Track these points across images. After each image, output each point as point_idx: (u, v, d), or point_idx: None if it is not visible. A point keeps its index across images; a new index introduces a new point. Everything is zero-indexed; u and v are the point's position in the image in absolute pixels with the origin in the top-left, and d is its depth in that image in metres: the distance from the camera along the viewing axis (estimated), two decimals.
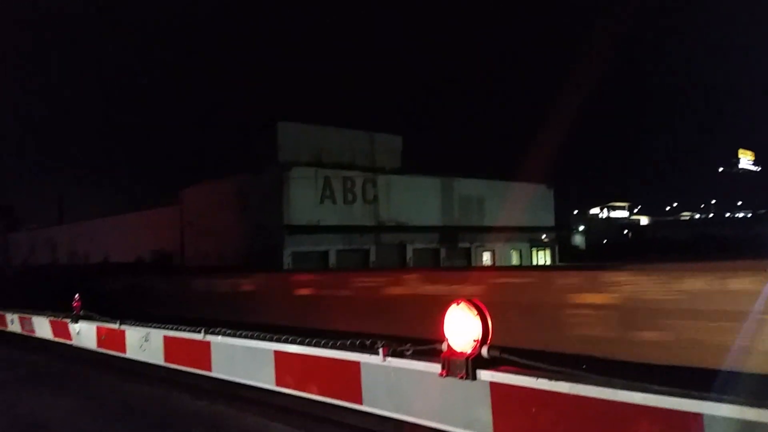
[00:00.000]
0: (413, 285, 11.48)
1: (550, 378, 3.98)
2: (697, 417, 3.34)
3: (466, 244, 28.98)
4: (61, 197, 49.65)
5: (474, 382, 4.33)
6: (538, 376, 4.05)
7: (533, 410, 4.06)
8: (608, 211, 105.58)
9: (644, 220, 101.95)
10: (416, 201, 27.64)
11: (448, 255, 27.90)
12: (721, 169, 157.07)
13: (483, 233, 29.63)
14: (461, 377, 4.35)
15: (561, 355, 7.75)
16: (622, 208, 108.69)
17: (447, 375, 4.46)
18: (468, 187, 29.81)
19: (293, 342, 6.12)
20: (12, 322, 13.49)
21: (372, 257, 25.01)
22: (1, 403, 7.82)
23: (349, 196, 25.51)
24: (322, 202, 24.74)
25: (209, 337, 7.30)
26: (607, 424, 3.73)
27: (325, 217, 24.58)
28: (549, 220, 33.15)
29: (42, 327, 11.98)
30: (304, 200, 24.31)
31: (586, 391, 3.80)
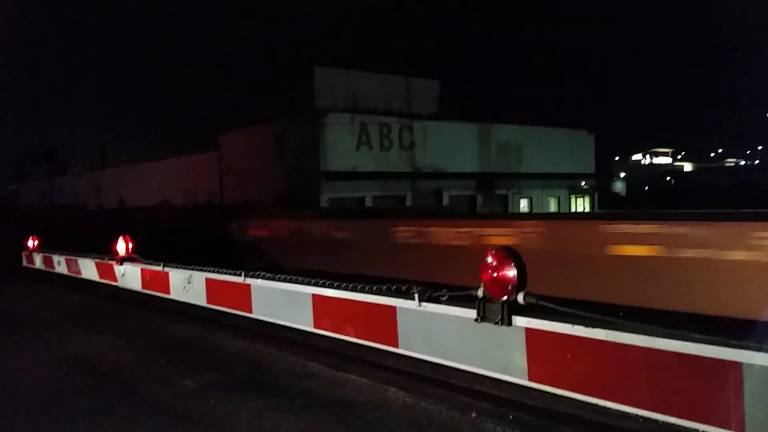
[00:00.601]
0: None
1: (587, 325, 3.98)
2: (737, 366, 3.31)
3: (503, 191, 28.69)
4: (104, 143, 50.55)
5: (509, 328, 4.36)
6: (574, 322, 4.05)
7: (568, 356, 4.09)
8: (651, 157, 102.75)
9: (688, 167, 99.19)
10: (453, 147, 27.33)
11: (485, 202, 27.69)
12: None
13: (520, 180, 29.25)
14: (497, 323, 4.39)
15: (598, 303, 7.73)
16: (666, 154, 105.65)
17: (482, 320, 4.50)
18: (506, 133, 29.29)
19: (330, 286, 6.24)
20: (59, 263, 14.01)
21: (408, 204, 25.04)
22: (51, 341, 8.21)
23: (386, 143, 25.35)
24: (358, 148, 24.67)
25: (249, 280, 7.48)
26: (644, 371, 3.73)
27: (362, 163, 24.55)
28: (589, 167, 32.49)
29: (88, 268, 12.42)
30: (341, 146, 24.26)
31: (623, 339, 3.79)
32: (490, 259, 4.42)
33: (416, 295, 5.19)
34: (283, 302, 6.97)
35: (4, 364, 7.00)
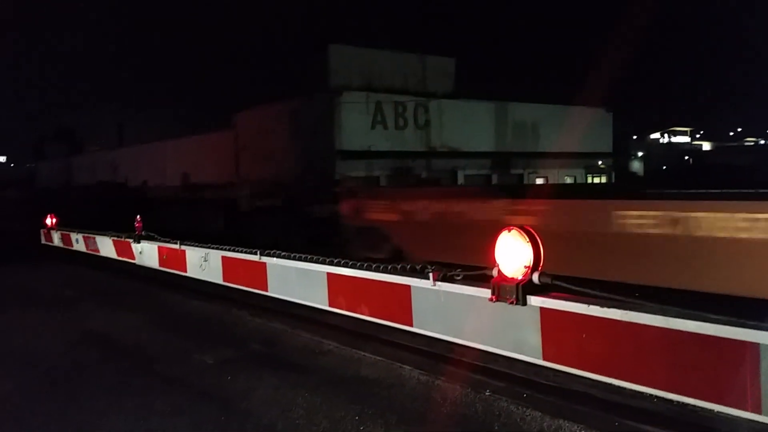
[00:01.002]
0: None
1: (602, 305, 3.97)
2: (754, 347, 3.29)
3: (519, 170, 28.47)
4: (121, 121, 50.76)
5: (524, 308, 4.36)
6: (589, 302, 4.04)
7: (583, 336, 4.08)
8: (669, 136, 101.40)
9: (706, 146, 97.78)
10: (469, 126, 27.14)
11: (501, 181, 27.55)
12: None
13: (537, 159, 29.04)
14: (511, 302, 4.39)
15: (613, 283, 7.69)
16: (684, 133, 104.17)
17: (497, 300, 4.50)
18: (522, 111, 29.01)
19: (345, 265, 6.26)
20: (77, 241, 14.18)
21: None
22: (69, 317, 8.34)
23: (401, 121, 25.21)
24: (373, 127, 24.55)
25: (265, 259, 7.53)
26: (659, 352, 3.72)
27: (377, 142, 24.45)
28: (607, 146, 32.15)
29: (106, 246, 12.56)
30: (356, 125, 24.17)
31: (639, 319, 3.78)
32: (504, 238, 4.41)
33: (430, 275, 5.20)
34: (298, 280, 7.01)
35: (23, 339, 7.13)
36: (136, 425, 4.39)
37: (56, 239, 15.56)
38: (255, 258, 7.69)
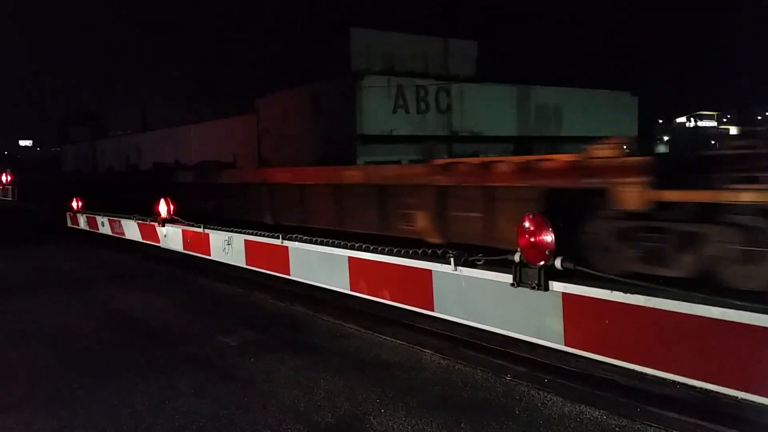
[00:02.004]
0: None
1: (626, 291, 3.95)
2: None
3: (542, 155, 28.19)
4: (145, 105, 51.16)
5: (546, 293, 4.35)
6: (612, 288, 4.02)
7: (606, 322, 4.07)
8: (695, 120, 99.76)
9: (733, 130, 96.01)
10: (491, 110, 26.90)
11: None
12: None
13: (560, 143, 28.73)
14: (533, 287, 4.38)
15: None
16: (711, 117, 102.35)
17: (519, 285, 4.50)
18: (545, 95, 28.66)
19: (367, 249, 6.29)
20: (102, 224, 14.40)
21: None
22: (96, 299, 8.49)
23: (422, 106, 25.06)
24: (394, 111, 24.44)
25: (287, 243, 7.59)
26: (683, 338, 3.69)
27: (398, 126, 24.36)
28: (632, 130, 31.71)
29: (131, 229, 12.75)
30: (377, 109, 24.08)
31: (663, 305, 3.75)
32: (527, 224, 4.39)
33: (452, 259, 5.20)
34: (319, 264, 7.07)
35: (51, 321, 7.28)
36: (161, 405, 4.48)
37: (82, 222, 15.82)
38: (277, 242, 7.76)
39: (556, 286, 4.32)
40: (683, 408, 3.94)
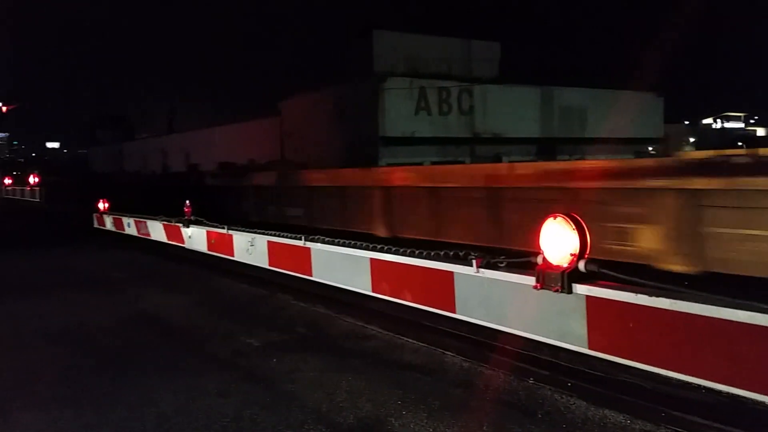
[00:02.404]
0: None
1: (651, 294, 3.90)
2: None
3: (566, 157, 28.05)
4: (172, 109, 51.83)
5: (569, 296, 4.32)
6: (637, 291, 3.98)
7: (630, 325, 4.02)
8: (722, 121, 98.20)
9: (761, 132, 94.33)
10: (514, 112, 26.79)
11: None
12: None
13: (583, 145, 28.49)
14: (556, 290, 4.34)
15: (662, 271, 7.52)
16: (738, 118, 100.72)
17: (542, 288, 4.47)
18: (569, 96, 28.49)
19: (389, 251, 6.30)
20: (128, 225, 14.61)
21: None
22: (122, 299, 8.62)
23: (445, 107, 25.08)
24: (417, 113, 24.48)
25: (309, 244, 7.63)
26: (709, 342, 3.64)
27: (420, 128, 24.39)
28: (657, 131, 31.34)
29: (156, 230, 12.92)
30: (400, 111, 24.13)
31: (689, 308, 3.70)
32: (550, 226, 4.37)
33: (474, 261, 5.19)
34: (341, 266, 7.09)
35: (78, 319, 7.40)
36: (186, 404, 4.53)
37: (108, 223, 16.07)
38: (300, 243, 7.80)
39: (580, 289, 4.28)
40: (708, 412, 3.88)
